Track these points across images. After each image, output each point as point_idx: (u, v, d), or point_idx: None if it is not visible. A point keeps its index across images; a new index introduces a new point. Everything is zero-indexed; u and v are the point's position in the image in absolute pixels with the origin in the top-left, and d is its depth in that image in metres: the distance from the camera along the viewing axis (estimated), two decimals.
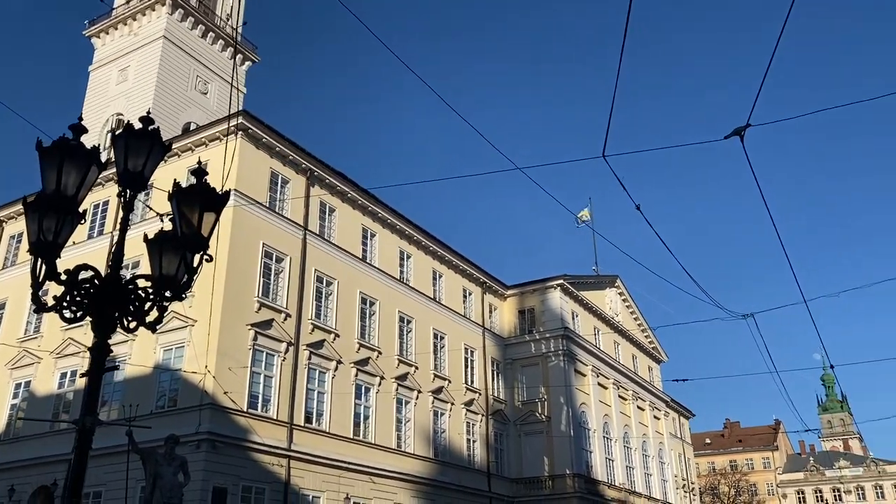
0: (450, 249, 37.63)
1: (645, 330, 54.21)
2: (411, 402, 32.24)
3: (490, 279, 41.21)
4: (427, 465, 32.13)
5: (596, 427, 42.48)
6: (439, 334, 35.58)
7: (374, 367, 30.17)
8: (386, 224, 33.35)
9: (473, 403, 36.82)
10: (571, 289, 43.08)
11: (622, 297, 51.52)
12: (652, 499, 48.08)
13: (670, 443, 55.60)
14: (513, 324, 42.60)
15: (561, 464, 38.24)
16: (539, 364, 40.83)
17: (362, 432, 28.89)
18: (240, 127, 26.09)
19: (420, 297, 34.72)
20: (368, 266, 31.57)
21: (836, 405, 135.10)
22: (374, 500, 28.11)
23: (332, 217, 30.23)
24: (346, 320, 29.27)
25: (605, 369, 45.48)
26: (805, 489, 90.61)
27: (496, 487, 36.83)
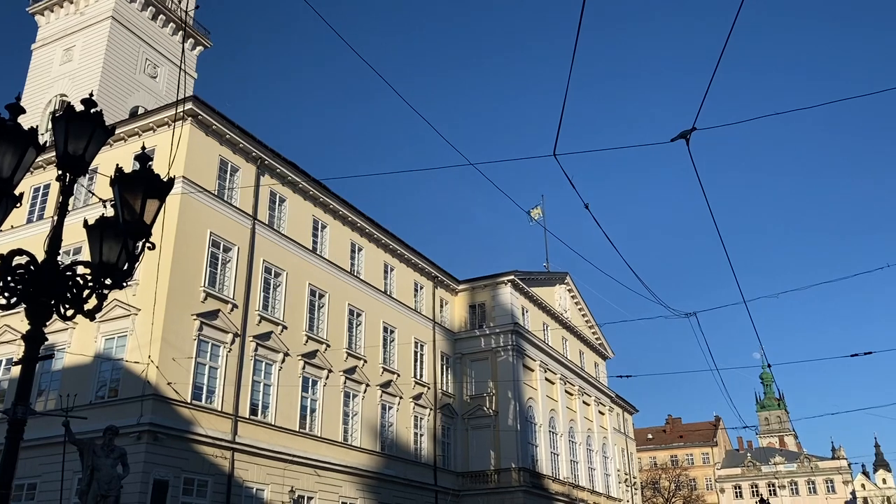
0: (402, 243, 37.56)
1: (592, 326, 55.07)
2: (359, 396, 32.11)
3: (442, 273, 41.29)
4: (373, 458, 32.08)
5: (542, 422, 43.01)
6: (389, 328, 35.51)
7: (322, 360, 29.95)
8: (337, 216, 33.09)
9: (422, 397, 36.88)
10: (522, 285, 43.47)
11: (571, 293, 52.22)
12: (595, 492, 48.94)
13: (614, 438, 56.66)
14: (463, 318, 42.79)
15: (507, 458, 38.62)
16: (488, 359, 41.12)
17: (308, 425, 28.67)
18: (189, 113, 25.55)
19: (371, 290, 34.58)
20: (318, 258, 31.30)
21: (773, 403, 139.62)
22: (320, 494, 27.96)
23: (282, 207, 29.87)
24: (295, 312, 28.97)
25: (553, 365, 46.06)
26: (742, 484, 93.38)
27: (442, 481, 37.00)
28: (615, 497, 53.22)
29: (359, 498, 30.25)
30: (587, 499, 46.66)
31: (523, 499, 37.49)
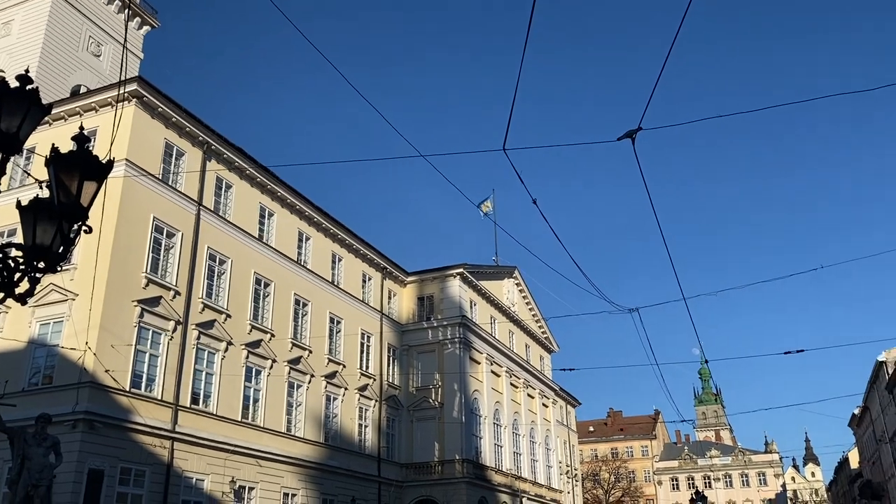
0: (351, 233, 37.32)
1: (539, 320, 55.71)
2: (303, 386, 31.85)
3: (391, 265, 41.19)
4: (317, 449, 31.88)
5: (487, 414, 43.38)
6: (336, 318, 35.28)
7: (267, 350, 29.60)
8: (285, 203, 32.67)
9: (367, 389, 36.78)
10: (471, 278, 43.69)
11: (519, 287, 52.71)
12: (537, 484, 49.63)
13: (557, 430, 57.52)
14: (411, 310, 42.80)
15: (451, 449, 38.85)
16: (435, 351, 41.25)
17: (251, 415, 28.32)
18: (133, 94, 24.85)
19: (318, 280, 34.28)
20: (265, 246, 30.87)
21: (710, 398, 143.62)
22: (261, 484, 27.67)
23: (228, 193, 29.33)
24: (239, 301, 28.54)
25: (499, 358, 46.47)
26: (679, 476, 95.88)
27: (386, 472, 37.01)
28: (556, 488, 54.07)
29: (301, 489, 30.05)
30: (529, 490, 47.30)
31: (466, 490, 37.79)
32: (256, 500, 27.38)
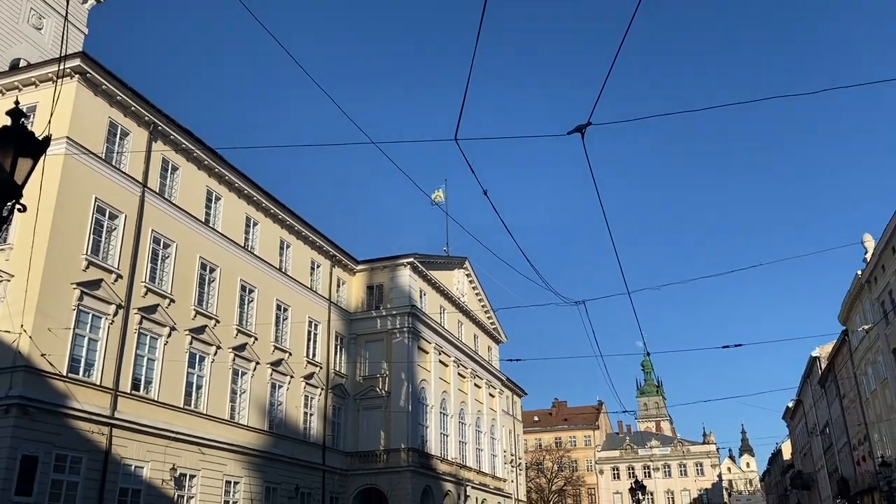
0: (300, 219, 36.90)
1: (488, 311, 56.09)
2: (248, 374, 31.45)
3: (340, 253, 40.90)
4: (261, 437, 31.56)
5: (434, 403, 43.54)
6: (283, 305, 34.89)
7: (211, 336, 29.11)
8: (233, 188, 32.11)
9: (314, 377, 36.53)
10: (421, 268, 43.70)
11: (469, 278, 52.96)
12: (481, 473, 50.11)
13: (502, 419, 58.11)
14: (360, 299, 42.60)
15: (397, 438, 38.91)
16: (384, 340, 41.18)
17: (194, 402, 27.85)
18: (76, 70, 24.03)
19: (265, 266, 33.83)
20: (211, 230, 30.30)
21: (652, 389, 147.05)
22: (203, 472, 27.27)
23: (174, 176, 28.67)
24: (184, 285, 27.98)
25: (448, 348, 46.66)
26: (620, 466, 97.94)
27: (330, 460, 36.88)
28: (501, 477, 54.68)
29: (244, 477, 29.73)
30: (474, 479, 47.73)
31: (411, 479, 37.93)
32: (198, 487, 26.98)
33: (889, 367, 38.70)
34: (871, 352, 42.62)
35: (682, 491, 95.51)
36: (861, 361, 45.52)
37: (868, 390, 44.57)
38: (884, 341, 38.99)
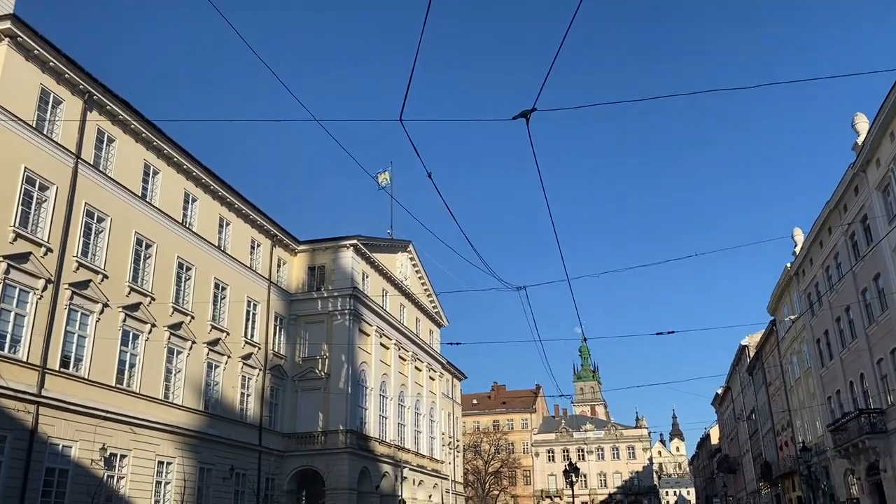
0: (240, 197, 36.19)
1: (430, 295, 56.23)
2: (184, 353, 30.82)
3: (281, 232, 40.31)
4: (196, 417, 31.02)
5: (374, 385, 43.52)
6: (221, 284, 34.25)
7: (146, 314, 28.39)
8: (171, 162, 31.25)
9: (251, 357, 36.04)
10: (364, 250, 43.44)
11: (413, 262, 52.94)
12: (419, 454, 50.44)
13: (442, 402, 58.53)
14: (301, 280, 42.13)
15: (335, 420, 38.78)
16: (324, 321, 40.87)
17: (126, 381, 27.14)
18: (6, 33, 22.93)
19: (203, 243, 33.11)
20: (148, 205, 29.44)
21: (588, 374, 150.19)
22: (135, 451, 26.67)
23: (110, 148, 27.72)
24: (118, 261, 27.15)
25: (389, 330, 46.63)
26: (555, 449, 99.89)
27: (267, 441, 36.53)
28: (438, 459, 55.16)
29: (178, 457, 29.20)
30: (411, 461, 48.00)
31: (348, 460, 37.91)
32: (129, 468, 26.38)
33: (813, 356, 40.40)
34: (796, 341, 44.40)
35: (614, 473, 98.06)
36: (787, 351, 47.39)
37: (792, 378, 46.46)
38: (809, 332, 40.66)
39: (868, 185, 29.01)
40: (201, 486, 30.78)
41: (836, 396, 36.41)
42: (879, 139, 27.22)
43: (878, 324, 29.69)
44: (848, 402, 34.27)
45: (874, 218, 28.59)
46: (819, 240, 36.68)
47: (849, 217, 31.72)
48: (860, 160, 29.13)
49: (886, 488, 29.87)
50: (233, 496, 33.01)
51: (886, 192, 27.49)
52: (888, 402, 29.48)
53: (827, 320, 36.53)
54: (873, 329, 30.28)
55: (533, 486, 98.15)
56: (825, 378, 38.34)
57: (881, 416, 29.65)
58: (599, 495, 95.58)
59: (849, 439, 32.13)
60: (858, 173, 29.67)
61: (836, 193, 32.56)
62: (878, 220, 28.18)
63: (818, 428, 40.47)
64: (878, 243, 27.86)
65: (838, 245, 33.58)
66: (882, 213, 27.82)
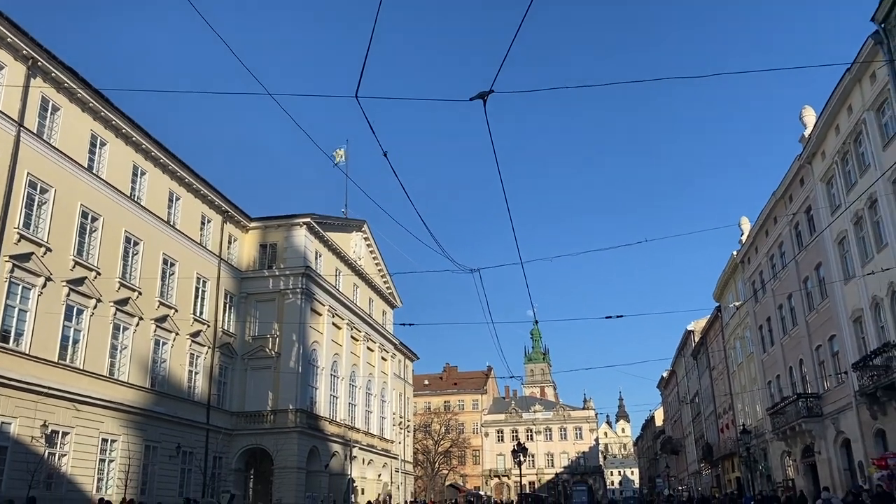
0: (191, 171, 35.40)
1: (384, 275, 56.07)
2: (130, 329, 30.16)
3: (233, 208, 39.62)
4: (142, 394, 30.46)
5: (325, 365, 43.33)
6: (170, 260, 33.56)
7: (91, 289, 27.66)
8: (120, 133, 30.36)
9: (200, 335, 35.49)
10: (318, 228, 43.01)
11: (367, 241, 52.65)
12: (369, 434, 50.53)
13: (393, 383, 58.64)
14: (252, 257, 41.55)
15: (286, 399, 38.54)
16: (275, 300, 40.44)
17: (70, 356, 26.45)
18: None
19: (152, 218, 32.35)
20: (94, 177, 28.58)
21: (539, 356, 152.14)
22: (77, 429, 26.07)
23: (55, 117, 26.76)
24: (62, 234, 26.34)
25: (342, 310, 46.39)
26: (504, 429, 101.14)
27: (215, 420, 36.12)
28: (388, 439, 55.34)
29: (122, 434, 28.65)
30: (361, 440, 48.05)
31: (298, 439, 37.74)
32: (71, 445, 25.79)
33: (755, 342, 41.62)
34: (740, 327, 45.66)
35: (561, 453, 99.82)
36: (731, 336, 48.72)
37: (735, 363, 47.82)
38: (752, 318, 41.83)
39: (813, 177, 29.84)
40: (147, 464, 30.31)
41: (776, 381, 37.61)
42: (825, 132, 27.98)
43: (817, 311, 30.70)
44: (787, 386, 35.44)
45: (818, 209, 29.45)
46: (765, 229, 37.66)
47: (794, 207, 32.61)
48: (806, 152, 29.92)
49: (820, 470, 31.07)
50: (179, 474, 32.60)
51: (830, 184, 28.32)
52: (825, 387, 30.59)
53: (770, 307, 37.62)
54: (813, 316, 31.31)
55: (482, 465, 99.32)
56: (766, 363, 39.55)
57: (818, 401, 30.76)
58: (546, 475, 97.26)
59: (786, 422, 33.25)
60: (804, 165, 30.48)
61: (782, 184, 33.41)
62: (821, 210, 29.03)
63: (758, 411, 41.79)
64: (821, 233, 28.72)
65: (783, 234, 34.52)
66: (825, 204, 28.67)
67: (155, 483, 30.50)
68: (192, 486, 32.99)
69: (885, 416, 23.94)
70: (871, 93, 23.80)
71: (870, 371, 23.59)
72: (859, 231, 25.89)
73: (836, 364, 29.00)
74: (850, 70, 24.32)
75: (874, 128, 23.76)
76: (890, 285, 23.19)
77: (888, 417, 23.80)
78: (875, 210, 24.38)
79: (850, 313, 26.88)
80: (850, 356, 26.67)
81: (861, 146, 25.18)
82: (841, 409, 28.28)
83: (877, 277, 23.63)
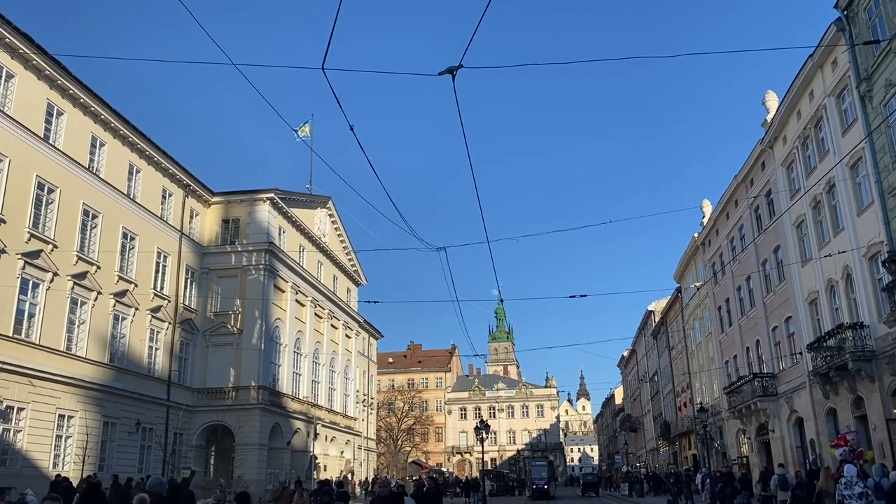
0: (152, 143, 34.65)
1: (349, 253, 55.77)
2: (89, 304, 29.58)
3: (195, 182, 38.94)
4: (100, 370, 29.96)
5: (288, 342, 43.07)
6: (130, 234, 32.91)
7: (47, 262, 27.01)
8: (78, 103, 29.52)
9: (161, 310, 34.96)
10: (281, 204, 42.52)
11: (332, 218, 52.25)
12: (332, 411, 50.50)
13: (357, 360, 58.57)
14: (215, 232, 40.96)
15: (248, 376, 38.27)
16: (238, 276, 39.98)
17: (25, 331, 25.86)
18: None
19: (111, 191, 31.63)
20: (51, 148, 27.79)
21: (503, 335, 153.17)
22: (33, 405, 25.58)
23: (9, 84, 25.89)
24: (17, 206, 25.62)
25: (306, 287, 46.06)
26: (467, 407, 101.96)
27: (175, 396, 35.73)
28: (351, 416, 55.39)
29: (80, 410, 28.18)
30: (324, 417, 48.01)
31: (260, 416, 37.56)
32: (26, 421, 25.30)
33: (714, 322, 42.43)
34: (699, 308, 46.49)
35: (522, 431, 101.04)
36: (690, 317, 49.59)
37: (694, 343, 48.74)
38: (711, 299, 42.61)
39: (774, 161, 30.33)
40: (105, 440, 29.91)
41: (733, 361, 38.44)
42: (787, 117, 28.41)
43: (774, 293, 31.37)
44: (744, 366, 36.25)
45: (778, 193, 29.98)
46: (726, 212, 38.25)
47: (755, 191, 33.15)
48: (768, 137, 30.38)
49: (773, 447, 31.95)
50: (139, 450, 32.25)
51: (790, 168, 28.83)
52: (780, 367, 31.36)
53: (729, 289, 38.34)
54: (770, 298, 31.99)
55: (444, 442, 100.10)
56: (724, 343, 40.38)
57: (772, 381, 31.54)
58: (508, 451, 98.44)
59: (742, 401, 34.06)
60: (766, 149, 30.96)
61: (743, 168, 33.91)
62: (781, 194, 29.57)
63: (715, 390, 42.72)
64: (780, 217, 29.27)
65: (743, 217, 35.10)
66: (785, 188, 29.18)
67: (114, 459, 30.11)
68: (152, 462, 32.67)
69: (837, 396, 24.65)
70: (832, 79, 24.20)
71: (823, 352, 24.21)
72: (817, 215, 26.44)
73: (792, 345, 29.73)
74: (812, 56, 24.69)
75: (834, 114, 24.20)
76: (845, 268, 23.77)
77: (840, 397, 24.51)
78: (833, 195, 24.90)
79: (807, 295, 27.52)
80: (806, 337, 27.35)
81: (821, 132, 25.64)
82: (795, 389, 29.04)
83: (833, 260, 24.18)
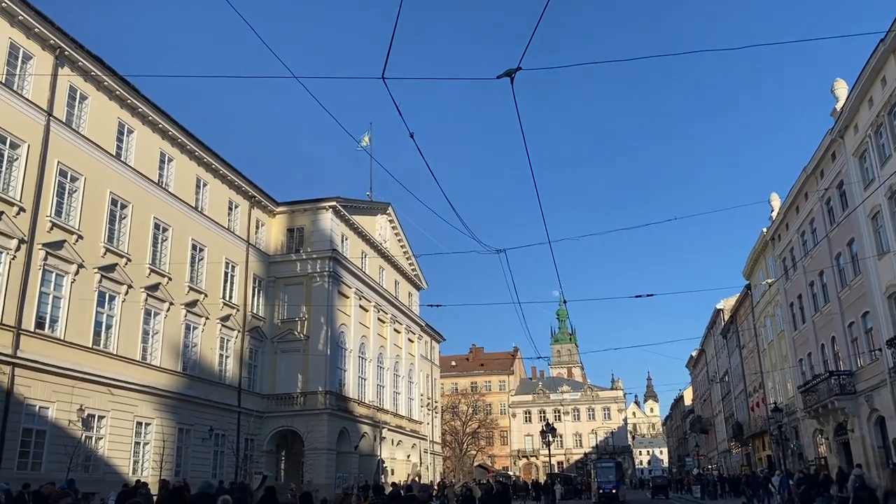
0: (217, 157, 35.66)
1: (409, 257, 56.19)
2: (161, 314, 30.61)
3: (259, 193, 39.88)
4: (174, 378, 30.95)
5: (353, 347, 43.64)
6: (199, 246, 33.92)
7: (122, 275, 28.07)
8: (146, 121, 30.63)
9: (230, 319, 35.91)
10: (343, 212, 43.16)
11: (392, 224, 52.75)
12: (398, 415, 50.90)
13: (420, 364, 58.93)
14: (280, 241, 41.86)
15: (315, 381, 38.92)
16: (303, 283, 40.74)
17: (103, 342, 26.93)
18: None
19: (180, 204, 32.68)
20: (123, 165, 28.91)
21: (566, 337, 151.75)
22: (113, 413, 26.60)
23: (83, 105, 27.06)
24: (93, 221, 26.73)
25: (368, 293, 46.61)
26: (532, 409, 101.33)
27: (246, 402, 36.62)
28: (417, 420, 55.71)
29: (156, 418, 29.18)
30: (390, 421, 48.44)
31: (328, 421, 38.14)
32: (107, 428, 26.34)
33: (786, 319, 41.09)
34: (770, 305, 45.08)
35: (589, 434, 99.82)
36: (761, 314, 48.13)
37: (765, 341, 47.27)
38: (783, 296, 41.27)
39: (845, 152, 29.21)
40: (180, 447, 30.87)
41: (808, 359, 37.12)
42: (858, 105, 27.32)
43: (850, 288, 30.17)
44: (819, 364, 34.96)
45: (850, 184, 28.85)
46: (796, 205, 37.01)
47: (825, 183, 31.98)
48: (838, 126, 29.27)
49: (853, 448, 30.69)
50: (212, 456, 33.17)
51: (863, 158, 27.70)
52: (858, 364, 30.13)
53: (801, 284, 37.06)
54: (846, 293, 30.79)
55: (510, 445, 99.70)
56: (797, 341, 39.04)
57: (850, 378, 30.31)
58: (575, 454, 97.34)
59: (818, 400, 32.84)
60: (836, 139, 29.84)
61: (813, 159, 32.76)
62: (853, 185, 28.44)
63: (789, 389, 41.33)
64: (854, 209, 28.15)
65: (814, 210, 33.90)
66: (858, 178, 28.06)
67: (189, 465, 31.05)
68: (225, 467, 33.55)
69: None
70: None
71: None
72: (894, 206, 25.32)
73: (870, 341, 28.51)
74: (883, 41, 23.69)
75: None
76: None
77: None
78: None
79: (885, 289, 26.37)
80: (885, 333, 26.19)
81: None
82: (874, 387, 27.84)
83: None
